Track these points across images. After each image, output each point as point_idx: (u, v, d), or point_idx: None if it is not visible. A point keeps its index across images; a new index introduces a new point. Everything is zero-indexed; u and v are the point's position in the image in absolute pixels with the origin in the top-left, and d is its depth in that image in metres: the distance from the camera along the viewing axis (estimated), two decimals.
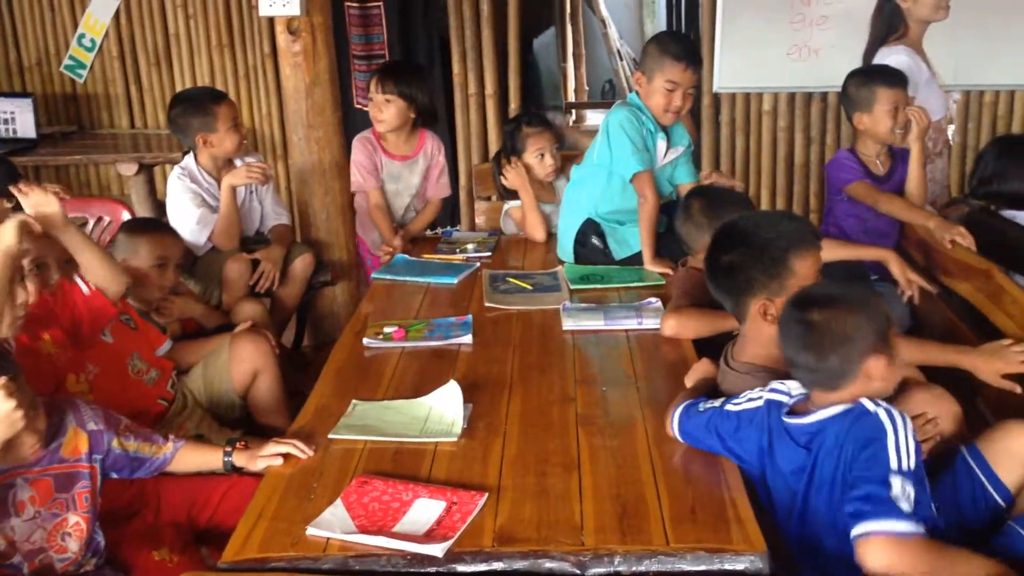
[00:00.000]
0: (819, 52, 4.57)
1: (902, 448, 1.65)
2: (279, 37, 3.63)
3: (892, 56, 3.35)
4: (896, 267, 2.85)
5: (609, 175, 3.18)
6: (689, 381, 2.20)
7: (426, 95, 3.67)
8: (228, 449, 2.02)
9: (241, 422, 2.68)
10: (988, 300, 2.48)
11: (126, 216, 3.77)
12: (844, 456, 1.71)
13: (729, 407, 1.92)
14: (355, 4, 4.95)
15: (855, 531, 1.61)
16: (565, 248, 3.29)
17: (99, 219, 3.80)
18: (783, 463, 1.83)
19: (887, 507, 1.59)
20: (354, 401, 2.19)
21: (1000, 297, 2.41)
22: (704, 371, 2.21)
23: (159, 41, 5.46)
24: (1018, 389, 2.16)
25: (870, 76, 3.11)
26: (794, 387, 1.86)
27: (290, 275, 3.51)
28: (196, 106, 3.37)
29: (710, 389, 2.11)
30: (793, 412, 1.84)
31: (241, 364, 2.65)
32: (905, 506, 1.59)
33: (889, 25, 3.48)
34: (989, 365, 2.19)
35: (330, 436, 2.02)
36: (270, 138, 5.52)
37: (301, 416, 2.14)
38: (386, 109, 3.60)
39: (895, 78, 3.07)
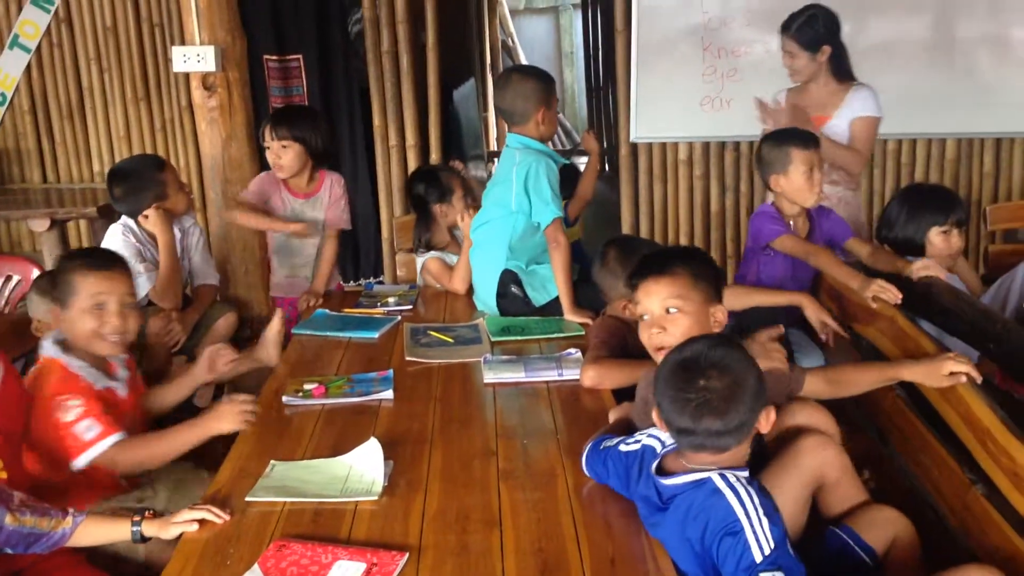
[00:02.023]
0: (731, 103, 4.71)
1: (760, 534, 1.62)
2: (194, 93, 3.62)
3: None
4: (811, 311, 2.88)
5: (520, 220, 3.22)
6: (612, 419, 2.24)
7: (319, 137, 3.64)
8: (136, 519, 1.95)
9: None
10: (894, 344, 2.57)
11: (37, 275, 3.68)
12: (693, 529, 1.70)
13: (622, 447, 1.94)
14: (274, 57, 4.95)
15: None
16: (487, 301, 3.30)
17: (8, 278, 3.70)
18: (640, 502, 1.85)
19: None
20: (272, 461, 2.16)
21: (904, 341, 2.50)
22: (625, 412, 2.23)
23: (72, 94, 5.36)
24: (975, 373, 2.12)
25: (784, 138, 3.11)
26: (667, 436, 1.84)
27: (212, 335, 3.46)
28: (144, 180, 3.37)
29: (628, 427, 2.12)
30: (662, 467, 1.82)
31: None
32: None
33: None
34: (931, 369, 2.19)
35: (247, 499, 1.98)
36: None
37: (218, 479, 2.10)
38: (284, 155, 3.56)
39: (808, 139, 3.07)
